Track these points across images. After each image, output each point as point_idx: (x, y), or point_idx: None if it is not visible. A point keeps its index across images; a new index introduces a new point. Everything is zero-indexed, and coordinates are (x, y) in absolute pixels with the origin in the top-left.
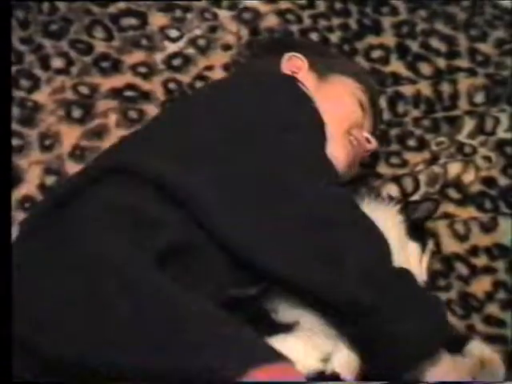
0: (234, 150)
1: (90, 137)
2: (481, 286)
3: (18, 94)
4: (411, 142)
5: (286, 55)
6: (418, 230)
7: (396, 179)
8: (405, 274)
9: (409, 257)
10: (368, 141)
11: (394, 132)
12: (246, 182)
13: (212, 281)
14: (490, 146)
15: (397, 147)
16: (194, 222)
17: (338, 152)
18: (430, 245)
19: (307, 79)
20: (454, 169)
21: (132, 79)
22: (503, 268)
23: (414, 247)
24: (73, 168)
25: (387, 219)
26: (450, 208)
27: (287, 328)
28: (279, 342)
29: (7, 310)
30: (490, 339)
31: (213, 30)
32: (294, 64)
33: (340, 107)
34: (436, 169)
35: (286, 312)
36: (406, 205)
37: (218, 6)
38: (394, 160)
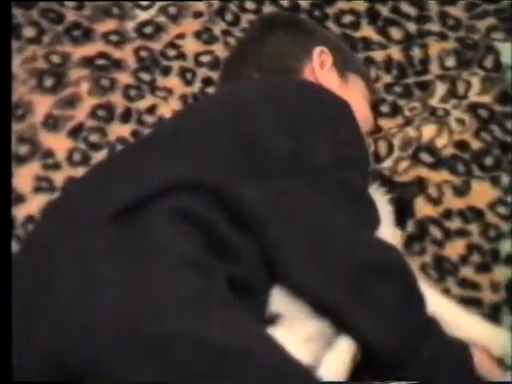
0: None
1: (62, 106)
2: (455, 249)
3: None
4: (384, 108)
5: (317, 49)
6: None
7: (369, 144)
8: (435, 326)
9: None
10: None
11: None
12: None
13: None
14: (462, 109)
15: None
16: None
17: None
18: (410, 227)
19: (331, 79)
20: (428, 132)
21: (103, 47)
22: (477, 231)
23: (397, 232)
24: (46, 137)
25: (380, 203)
26: (423, 172)
27: (270, 320)
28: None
29: (7, 310)
30: (465, 302)
31: None
32: (323, 59)
33: (361, 112)
34: (410, 132)
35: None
36: (392, 186)
37: None
38: None
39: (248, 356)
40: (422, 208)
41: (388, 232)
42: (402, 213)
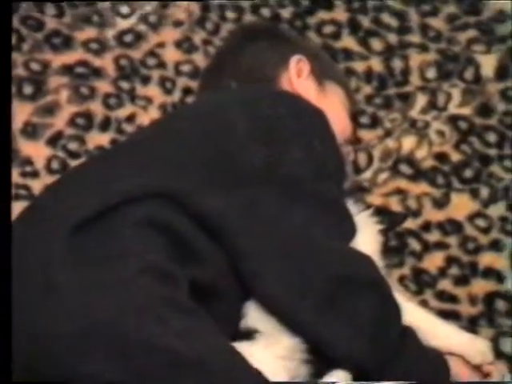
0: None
1: (41, 113)
2: (433, 261)
3: None
4: (364, 119)
5: (295, 58)
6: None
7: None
8: (409, 334)
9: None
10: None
11: None
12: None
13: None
14: (442, 121)
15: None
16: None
17: None
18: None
19: (308, 87)
20: (408, 144)
21: (83, 55)
22: (456, 243)
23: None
24: (24, 144)
25: (367, 232)
26: (402, 183)
27: (247, 335)
28: (244, 349)
29: (7, 312)
30: (443, 315)
31: (164, 6)
32: (300, 68)
33: (339, 122)
34: (389, 143)
35: (246, 319)
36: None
37: None
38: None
39: (203, 366)
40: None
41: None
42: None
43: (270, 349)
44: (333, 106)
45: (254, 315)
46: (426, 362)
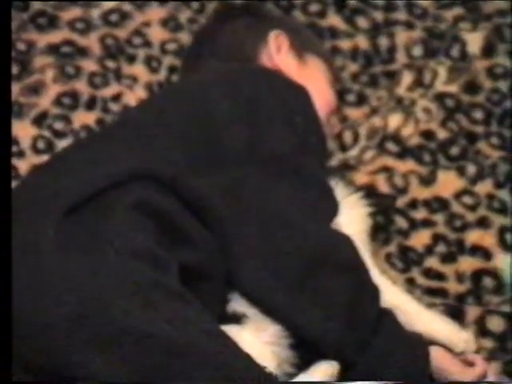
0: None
1: (27, 93)
2: (420, 239)
3: None
4: (350, 97)
5: (273, 33)
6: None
7: (335, 133)
8: (389, 318)
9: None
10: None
11: None
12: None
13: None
14: (429, 98)
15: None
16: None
17: None
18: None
19: (289, 62)
20: (394, 121)
21: (69, 35)
22: (443, 221)
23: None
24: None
25: (355, 213)
26: (388, 161)
27: (235, 319)
28: (234, 333)
29: (7, 311)
30: (430, 292)
31: None
32: (279, 43)
33: (321, 95)
34: (376, 121)
35: (235, 302)
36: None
37: None
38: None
39: (196, 350)
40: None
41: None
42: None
43: (257, 334)
44: (315, 79)
45: (240, 299)
46: (405, 347)
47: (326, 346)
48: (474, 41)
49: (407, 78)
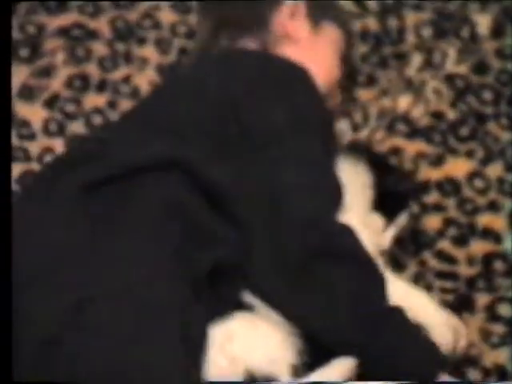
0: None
1: (37, 76)
2: (431, 223)
3: None
4: (360, 78)
5: (288, 3)
6: (386, 201)
7: (346, 113)
8: (397, 313)
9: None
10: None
11: None
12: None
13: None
14: (438, 79)
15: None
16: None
17: None
18: (402, 219)
19: (300, 30)
20: (404, 102)
21: (79, 18)
22: (453, 205)
23: (375, 218)
24: (21, 107)
25: (356, 180)
26: (398, 142)
27: (246, 308)
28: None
29: (7, 310)
30: (441, 276)
31: None
32: (293, 10)
33: (326, 67)
34: (386, 102)
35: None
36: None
37: None
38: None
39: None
40: None
41: (357, 213)
42: (394, 203)
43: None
44: (324, 48)
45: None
46: (416, 342)
47: (329, 339)
48: (484, 22)
49: (417, 59)
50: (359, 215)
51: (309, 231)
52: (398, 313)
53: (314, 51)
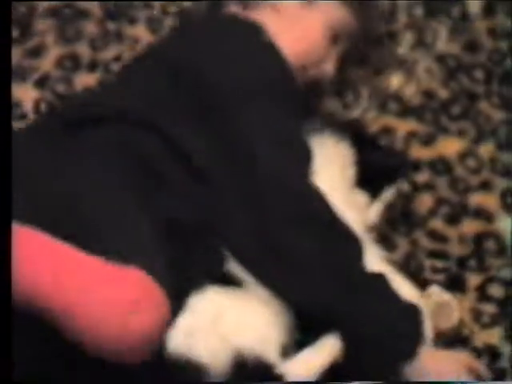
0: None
1: (28, 56)
2: (423, 202)
3: None
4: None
5: None
6: (372, 177)
7: (337, 93)
8: (377, 279)
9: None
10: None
11: None
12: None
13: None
14: (430, 58)
15: None
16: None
17: None
18: (388, 194)
19: (290, 4)
20: (395, 81)
21: None
22: (445, 184)
23: (360, 194)
24: (13, 88)
25: (336, 157)
26: (390, 121)
27: (237, 283)
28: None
29: (7, 310)
30: (433, 255)
31: None
32: None
33: (309, 39)
34: (377, 81)
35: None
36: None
37: None
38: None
39: None
40: None
41: (340, 191)
42: (381, 179)
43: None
44: (310, 23)
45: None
46: (399, 306)
47: (312, 308)
48: (475, 1)
49: (408, 38)
50: (342, 193)
51: (280, 194)
52: (378, 279)
53: (297, 25)
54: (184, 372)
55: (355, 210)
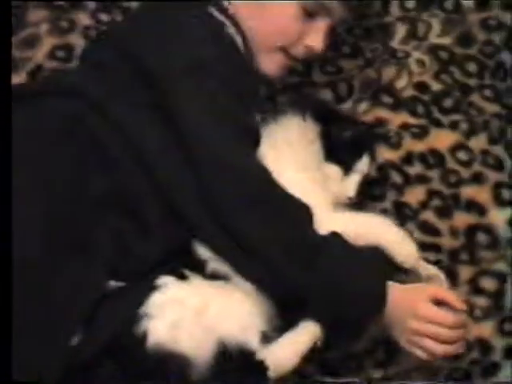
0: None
1: (22, 46)
2: (415, 195)
3: None
4: (345, 49)
5: None
6: (340, 149)
7: (330, 85)
8: (331, 242)
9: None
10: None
11: None
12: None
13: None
14: (422, 50)
15: (331, 54)
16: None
17: (267, 67)
18: (362, 165)
19: None
20: (388, 74)
21: None
22: (437, 177)
23: (331, 168)
24: None
25: (300, 135)
26: (382, 113)
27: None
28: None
29: (7, 310)
30: (424, 247)
31: None
32: None
33: (272, 25)
34: (370, 73)
35: (217, 264)
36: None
37: None
38: (329, 68)
39: None
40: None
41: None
42: (353, 150)
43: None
44: (277, 11)
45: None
46: (358, 261)
47: (278, 290)
48: None
49: (401, 31)
50: (311, 169)
51: (222, 173)
52: (332, 240)
53: (267, 6)
54: (167, 364)
55: (329, 184)
